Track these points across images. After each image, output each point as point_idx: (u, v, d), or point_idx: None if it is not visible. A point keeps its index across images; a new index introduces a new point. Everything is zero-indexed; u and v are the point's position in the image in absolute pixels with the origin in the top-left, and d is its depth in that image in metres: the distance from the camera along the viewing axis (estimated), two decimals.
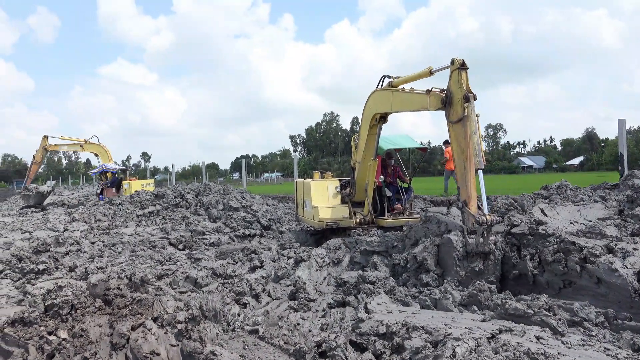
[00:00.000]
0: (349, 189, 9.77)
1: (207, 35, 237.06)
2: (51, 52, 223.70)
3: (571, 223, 6.34)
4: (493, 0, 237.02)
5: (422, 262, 5.86)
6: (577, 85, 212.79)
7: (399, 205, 9.68)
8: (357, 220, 9.45)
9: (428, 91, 6.54)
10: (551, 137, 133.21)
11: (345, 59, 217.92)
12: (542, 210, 6.68)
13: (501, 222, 5.94)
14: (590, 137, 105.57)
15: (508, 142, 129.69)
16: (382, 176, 9.62)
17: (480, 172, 5.76)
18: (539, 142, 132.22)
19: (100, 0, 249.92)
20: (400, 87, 7.62)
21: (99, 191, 24.88)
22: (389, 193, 9.73)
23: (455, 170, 6.16)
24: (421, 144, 10.97)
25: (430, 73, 6.86)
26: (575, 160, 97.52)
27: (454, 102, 6.04)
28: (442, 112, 6.24)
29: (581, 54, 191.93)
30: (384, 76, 8.01)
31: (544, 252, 5.39)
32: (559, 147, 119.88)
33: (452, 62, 6.09)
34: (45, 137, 25.66)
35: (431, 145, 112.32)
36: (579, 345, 3.60)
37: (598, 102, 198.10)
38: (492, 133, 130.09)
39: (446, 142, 19.58)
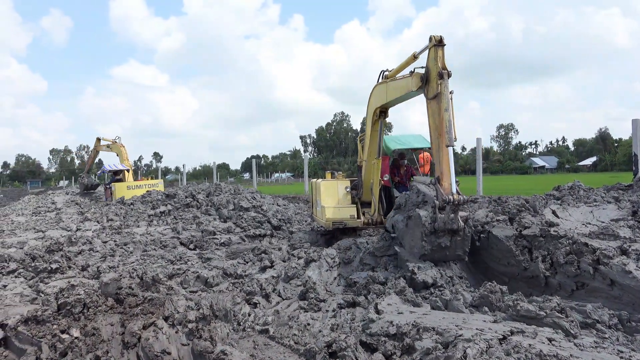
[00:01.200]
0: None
1: (218, 36, 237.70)
2: (64, 54, 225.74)
3: (584, 224, 6.28)
4: (503, 0, 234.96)
5: (423, 282, 5.76)
6: (590, 85, 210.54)
7: None
8: (365, 220, 9.40)
9: (411, 73, 6.68)
10: (563, 137, 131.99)
11: (355, 60, 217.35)
12: (553, 212, 6.62)
13: (468, 201, 5.93)
14: (603, 137, 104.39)
15: (520, 142, 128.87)
16: (386, 175, 9.51)
17: (451, 150, 5.93)
18: (551, 143, 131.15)
19: (111, 2, 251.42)
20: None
21: None
22: (397, 193, 9.65)
23: (432, 147, 6.31)
24: None
25: (415, 57, 6.95)
26: (588, 161, 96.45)
27: (430, 79, 6.19)
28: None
29: (593, 54, 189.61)
30: (382, 71, 8.09)
31: (556, 253, 5.34)
32: (572, 148, 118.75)
33: (430, 39, 6.24)
34: (98, 139, 28.08)
35: None
36: (592, 347, 3.57)
37: (611, 102, 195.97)
38: (503, 133, 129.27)
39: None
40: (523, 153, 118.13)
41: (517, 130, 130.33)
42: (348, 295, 5.76)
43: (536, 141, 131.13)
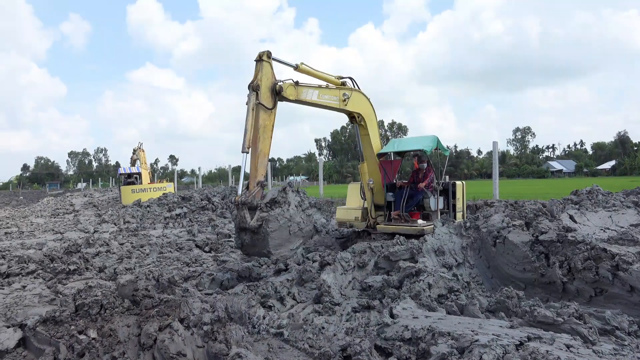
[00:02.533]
0: None
1: (233, 39, 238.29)
2: (83, 58, 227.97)
3: (602, 229, 6.20)
4: (519, 3, 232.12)
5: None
6: (609, 88, 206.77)
7: (397, 212, 9.43)
8: (368, 223, 9.50)
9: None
10: (582, 140, 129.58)
11: (369, 63, 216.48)
12: (571, 217, 6.54)
13: (246, 202, 6.59)
14: (622, 140, 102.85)
15: (537, 145, 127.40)
16: (370, 179, 9.60)
17: (244, 155, 6.79)
18: (568, 146, 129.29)
19: (129, 6, 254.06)
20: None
21: None
22: (390, 198, 9.48)
23: None
24: (447, 147, 10.40)
25: (296, 68, 8.02)
26: (607, 165, 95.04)
27: None
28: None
29: (612, 56, 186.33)
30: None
31: (574, 259, 5.27)
32: (590, 151, 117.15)
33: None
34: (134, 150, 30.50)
35: (457, 149, 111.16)
36: (611, 354, 3.51)
37: (631, 105, 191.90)
38: (520, 137, 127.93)
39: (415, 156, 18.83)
40: (540, 157, 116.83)
41: (534, 134, 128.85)
42: (363, 299, 5.74)
43: (554, 145, 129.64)
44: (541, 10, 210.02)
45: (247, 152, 6.82)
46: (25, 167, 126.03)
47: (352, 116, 9.19)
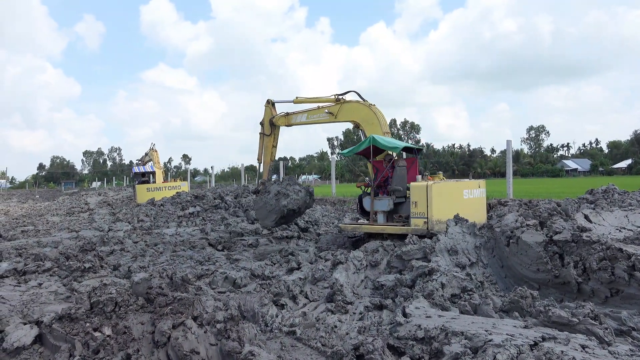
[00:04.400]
0: None
1: (245, 39, 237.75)
2: (97, 59, 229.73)
3: (618, 229, 6.12)
4: (531, 1, 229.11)
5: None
6: (624, 86, 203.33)
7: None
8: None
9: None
10: (597, 139, 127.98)
11: (381, 62, 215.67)
12: (586, 217, 6.46)
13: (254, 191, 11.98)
14: (638, 139, 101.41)
15: (551, 144, 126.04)
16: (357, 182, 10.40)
17: (258, 164, 12.36)
18: (584, 145, 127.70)
19: (142, 7, 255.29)
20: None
21: None
22: (367, 198, 9.43)
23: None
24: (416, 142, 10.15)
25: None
26: (623, 164, 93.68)
27: None
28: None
29: (627, 54, 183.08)
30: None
31: (589, 259, 5.21)
32: (606, 150, 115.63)
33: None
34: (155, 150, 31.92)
35: (471, 147, 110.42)
36: (627, 355, 3.47)
37: None
38: (534, 135, 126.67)
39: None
40: (555, 155, 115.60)
41: (548, 132, 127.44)
42: (375, 297, 5.74)
43: (568, 143, 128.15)
44: (553, 8, 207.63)
45: (260, 162, 12.15)
46: (41, 167, 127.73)
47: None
